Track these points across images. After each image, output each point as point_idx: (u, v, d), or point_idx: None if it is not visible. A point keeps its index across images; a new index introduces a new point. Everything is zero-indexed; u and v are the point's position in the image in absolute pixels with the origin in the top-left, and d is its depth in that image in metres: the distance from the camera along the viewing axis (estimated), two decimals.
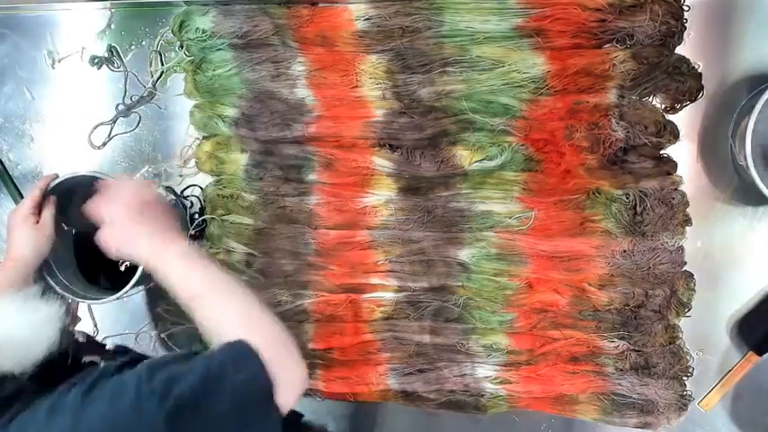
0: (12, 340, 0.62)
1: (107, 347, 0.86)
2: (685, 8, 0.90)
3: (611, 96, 0.92)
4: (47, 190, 0.95)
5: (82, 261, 1.07)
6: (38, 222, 0.92)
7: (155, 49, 1.06)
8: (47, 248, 0.92)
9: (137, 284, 0.98)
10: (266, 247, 1.02)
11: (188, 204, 1.08)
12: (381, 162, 0.98)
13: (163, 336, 1.09)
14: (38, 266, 0.91)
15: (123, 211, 0.75)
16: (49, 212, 0.93)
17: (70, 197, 1.00)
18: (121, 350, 0.83)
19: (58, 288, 0.98)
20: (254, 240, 1.03)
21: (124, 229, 0.75)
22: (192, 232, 1.06)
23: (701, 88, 0.93)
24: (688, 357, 0.97)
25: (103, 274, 1.09)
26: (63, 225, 1.02)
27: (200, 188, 1.08)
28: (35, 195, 0.93)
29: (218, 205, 1.04)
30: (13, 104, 1.12)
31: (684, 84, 0.92)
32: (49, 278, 0.97)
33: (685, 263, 0.95)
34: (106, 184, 0.81)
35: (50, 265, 0.97)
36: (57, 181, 0.96)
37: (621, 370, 0.97)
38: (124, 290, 0.97)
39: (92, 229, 0.78)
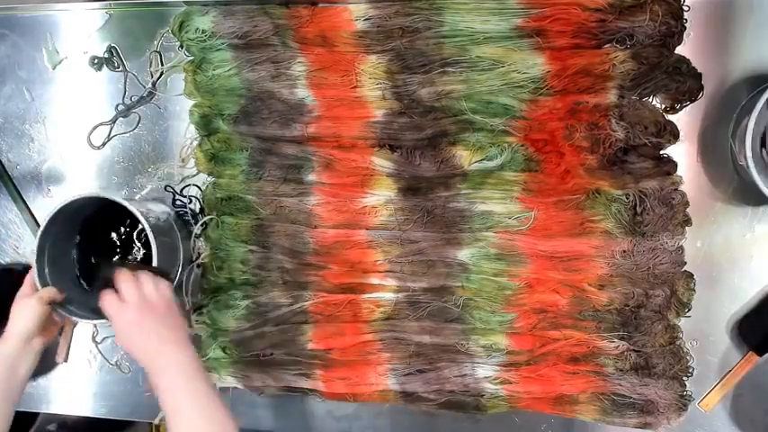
0: None
1: None
2: (685, 8, 0.90)
3: (611, 96, 0.92)
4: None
5: (85, 275, 1.08)
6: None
7: (155, 49, 1.06)
8: (37, 317, 0.92)
9: None
10: (265, 241, 1.03)
11: (187, 202, 1.08)
12: (381, 162, 0.98)
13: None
14: (33, 337, 0.92)
15: (133, 315, 0.82)
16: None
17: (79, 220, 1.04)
18: None
19: (61, 311, 0.98)
20: (252, 236, 1.03)
21: (131, 332, 0.82)
22: (198, 232, 1.07)
23: (701, 88, 0.93)
24: (688, 357, 0.97)
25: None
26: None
27: (199, 188, 1.08)
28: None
29: (217, 206, 1.04)
30: (13, 105, 1.12)
31: (684, 84, 0.92)
32: (56, 308, 0.98)
33: (685, 263, 0.95)
34: (121, 276, 0.85)
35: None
36: (64, 203, 0.97)
37: (621, 370, 0.97)
38: None
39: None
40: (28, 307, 0.92)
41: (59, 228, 1.00)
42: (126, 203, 0.96)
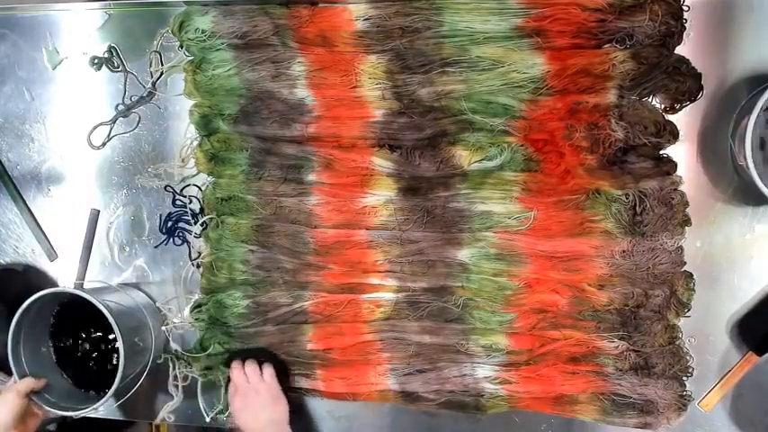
0: None
1: None
2: (685, 8, 0.90)
3: (610, 96, 0.92)
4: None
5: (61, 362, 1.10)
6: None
7: (155, 49, 1.06)
8: (14, 410, 0.94)
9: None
10: (266, 241, 1.03)
11: (187, 202, 1.08)
12: (381, 162, 0.98)
13: (164, 329, 1.10)
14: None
15: (239, 401, 0.98)
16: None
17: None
18: None
19: (38, 400, 1.00)
20: (252, 236, 1.03)
21: (239, 413, 0.98)
22: (198, 232, 1.07)
23: (701, 88, 0.93)
24: (688, 357, 0.97)
25: (82, 378, 1.10)
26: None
27: (199, 188, 1.08)
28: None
29: (217, 206, 1.04)
30: (13, 105, 1.12)
31: (684, 84, 0.92)
32: (33, 398, 1.00)
33: (685, 263, 0.95)
34: (232, 366, 1.01)
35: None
36: (34, 298, 1.00)
37: (621, 370, 0.97)
38: (105, 398, 1.00)
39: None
40: (4, 401, 0.93)
41: (34, 316, 1.03)
42: (89, 297, 0.99)
